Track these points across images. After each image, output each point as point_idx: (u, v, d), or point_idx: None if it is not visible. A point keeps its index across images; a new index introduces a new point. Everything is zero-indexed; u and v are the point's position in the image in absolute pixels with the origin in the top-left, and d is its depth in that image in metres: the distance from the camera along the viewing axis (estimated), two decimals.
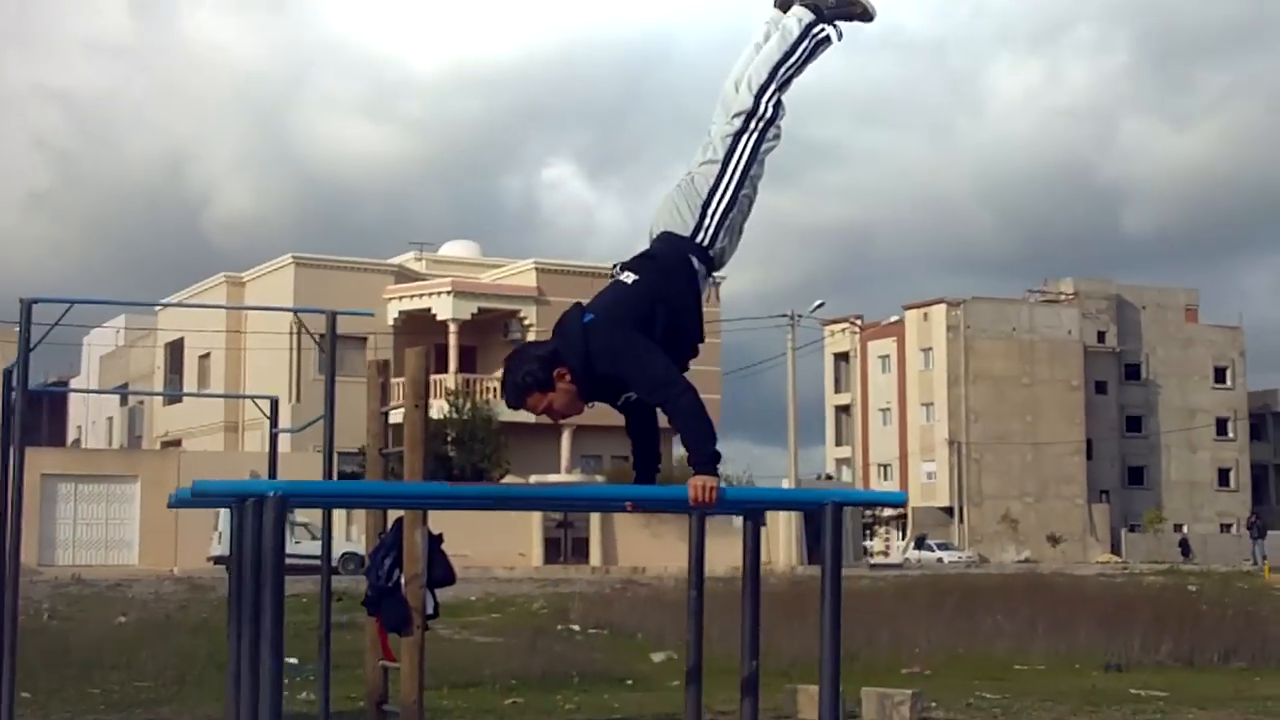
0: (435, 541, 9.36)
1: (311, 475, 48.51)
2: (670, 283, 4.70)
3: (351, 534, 42.93)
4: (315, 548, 41.88)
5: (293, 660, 16.68)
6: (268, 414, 13.95)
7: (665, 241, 4.82)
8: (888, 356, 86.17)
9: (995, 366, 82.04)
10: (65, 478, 41.69)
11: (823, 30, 5.00)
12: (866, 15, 5.06)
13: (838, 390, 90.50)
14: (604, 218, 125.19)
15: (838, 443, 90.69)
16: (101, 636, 19.20)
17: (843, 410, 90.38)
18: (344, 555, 39.11)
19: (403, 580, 9.13)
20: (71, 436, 65.73)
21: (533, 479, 47.44)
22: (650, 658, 18.47)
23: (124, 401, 59.82)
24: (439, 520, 8.05)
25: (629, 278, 4.72)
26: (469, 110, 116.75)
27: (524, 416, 42.99)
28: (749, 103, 4.91)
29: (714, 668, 17.65)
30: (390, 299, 51.22)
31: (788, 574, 41.24)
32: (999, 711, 12.80)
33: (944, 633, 19.70)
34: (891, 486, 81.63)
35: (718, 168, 4.89)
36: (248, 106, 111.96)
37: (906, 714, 11.34)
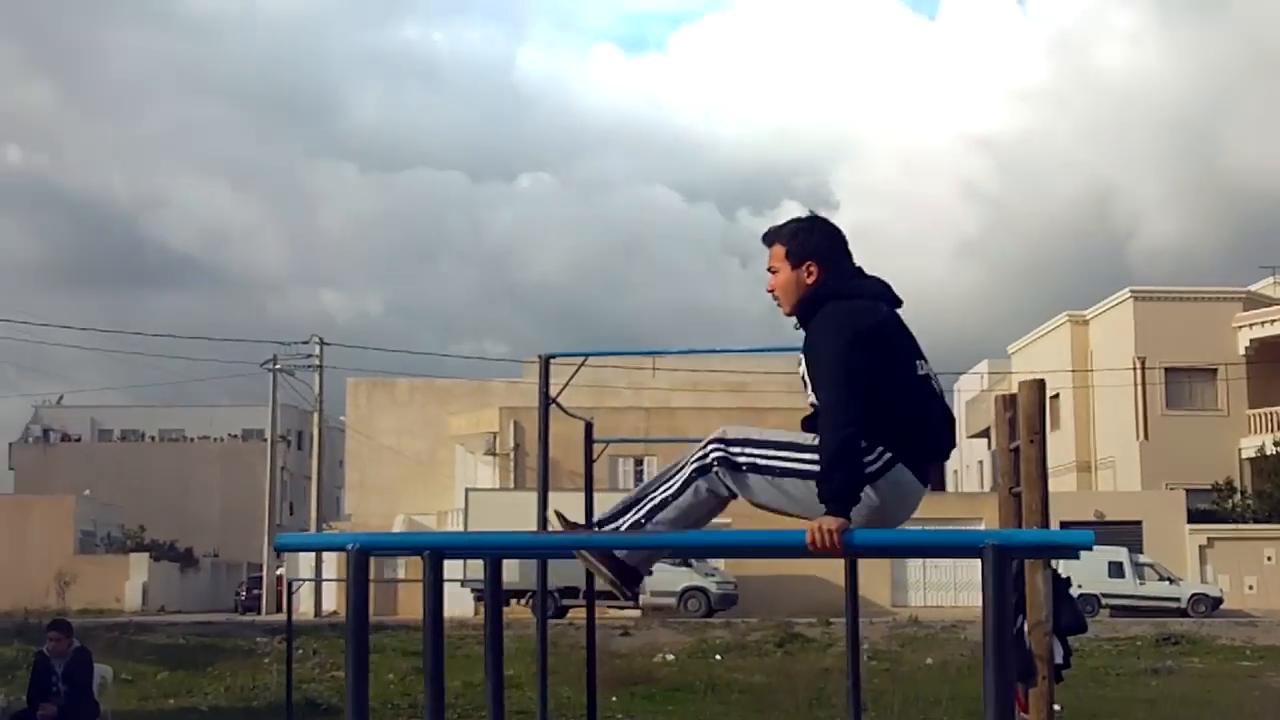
0: (1062, 586, 9.24)
1: (1169, 515, 46.61)
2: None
3: (1207, 574, 41.17)
4: (1163, 589, 40.32)
5: None
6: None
7: None
8: None
9: None
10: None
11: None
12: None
13: None
14: None
15: None
16: (904, 676, 20.15)
17: None
18: (1193, 596, 37.58)
19: (1026, 627, 9.09)
20: (950, 480, 68.59)
21: None
22: None
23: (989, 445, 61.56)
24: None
25: None
26: None
27: None
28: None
29: None
30: (1240, 327, 48.65)
31: None
32: None
33: None
34: None
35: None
36: (1171, 133, 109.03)
37: None
